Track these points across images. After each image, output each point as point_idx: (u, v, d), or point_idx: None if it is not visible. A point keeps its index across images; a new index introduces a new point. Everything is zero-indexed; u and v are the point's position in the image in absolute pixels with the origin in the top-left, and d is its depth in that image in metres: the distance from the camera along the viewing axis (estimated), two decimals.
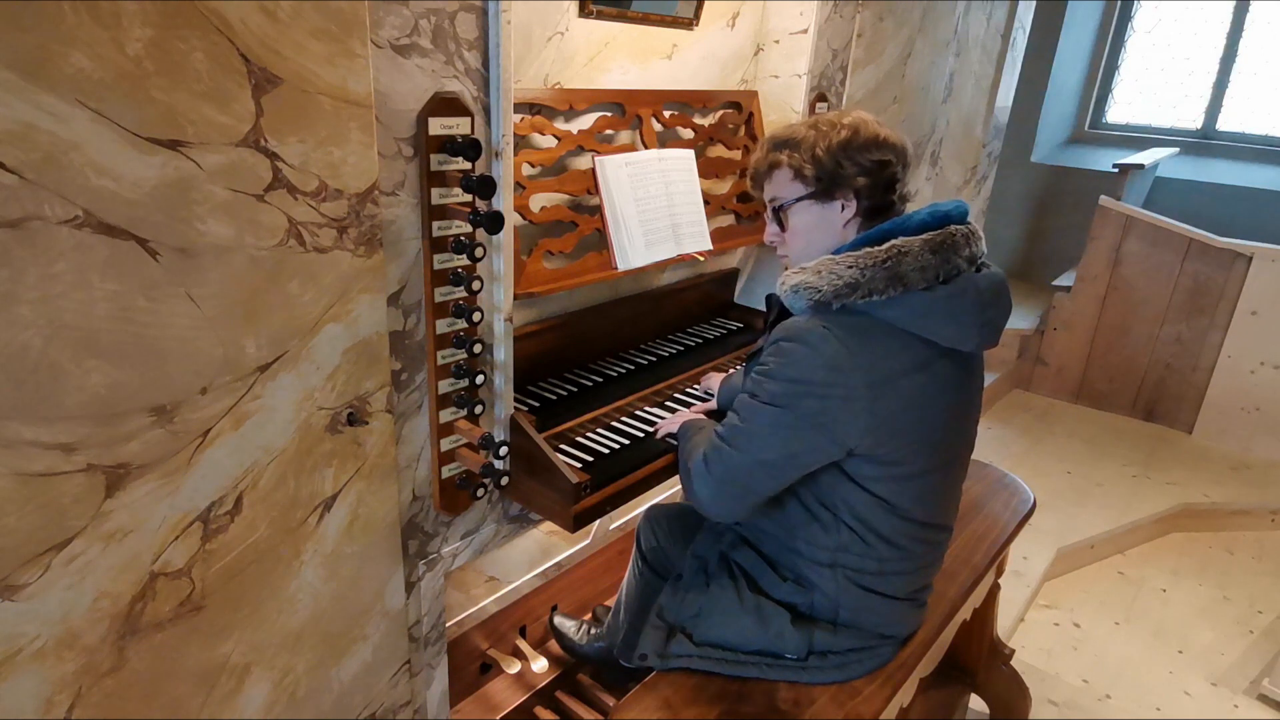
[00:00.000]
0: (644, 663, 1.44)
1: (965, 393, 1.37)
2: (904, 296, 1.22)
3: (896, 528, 1.35)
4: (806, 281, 1.26)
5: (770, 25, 2.02)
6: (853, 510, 1.33)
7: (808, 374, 1.22)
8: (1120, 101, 5.29)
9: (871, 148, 1.32)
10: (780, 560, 1.45)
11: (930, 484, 1.37)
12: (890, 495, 1.32)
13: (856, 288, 1.22)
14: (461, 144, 1.19)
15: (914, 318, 1.24)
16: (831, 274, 1.23)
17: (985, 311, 1.28)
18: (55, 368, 0.88)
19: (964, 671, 2.14)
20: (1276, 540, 3.33)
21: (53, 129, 0.81)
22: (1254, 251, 3.66)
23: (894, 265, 1.21)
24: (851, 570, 1.37)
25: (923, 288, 1.23)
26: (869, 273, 1.21)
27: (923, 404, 1.28)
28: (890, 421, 1.25)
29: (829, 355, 1.21)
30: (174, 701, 1.12)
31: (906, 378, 1.25)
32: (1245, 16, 4.74)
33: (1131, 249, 3.98)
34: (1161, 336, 4.00)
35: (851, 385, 1.21)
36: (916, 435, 1.29)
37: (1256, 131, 4.88)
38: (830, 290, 1.23)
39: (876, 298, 1.22)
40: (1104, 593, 2.97)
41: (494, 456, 1.35)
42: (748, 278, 2.26)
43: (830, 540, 1.36)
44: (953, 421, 1.36)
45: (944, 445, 1.36)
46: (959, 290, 1.25)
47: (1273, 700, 2.42)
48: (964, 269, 1.27)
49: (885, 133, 1.34)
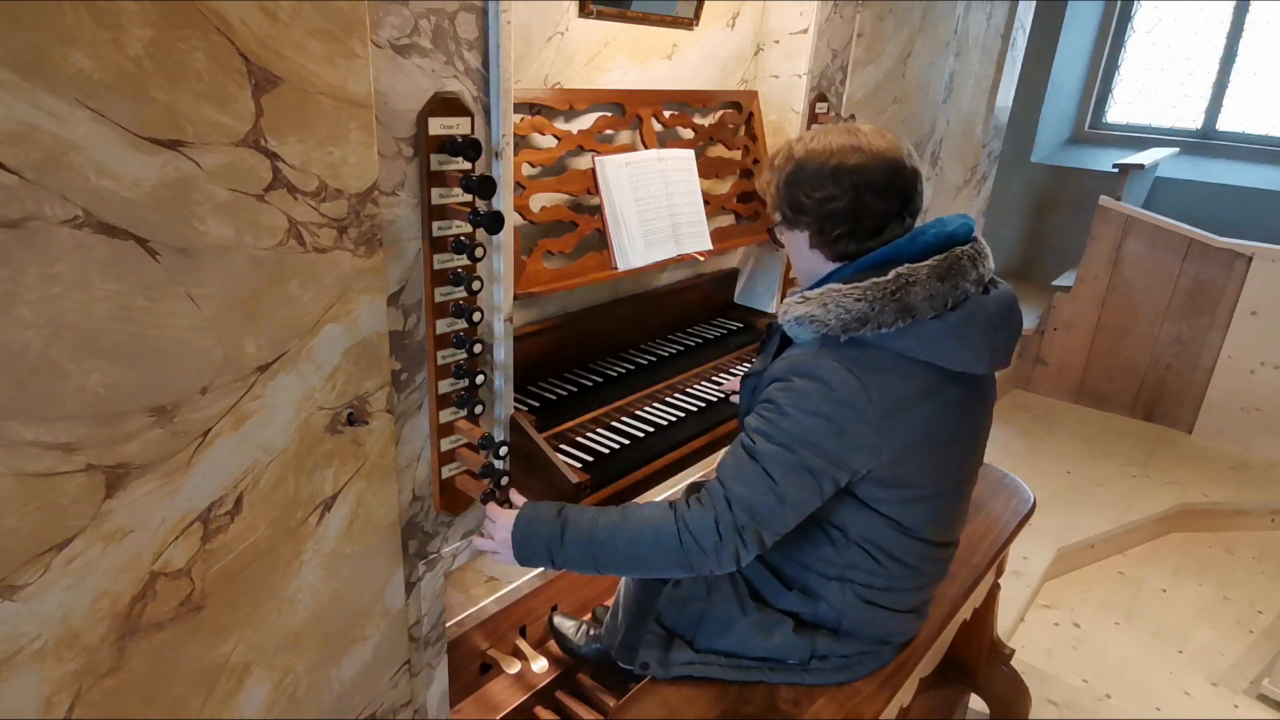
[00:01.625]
0: (646, 671, 1.44)
1: (976, 414, 1.36)
2: (913, 326, 1.20)
3: (906, 547, 1.35)
4: (812, 314, 1.23)
5: (770, 25, 2.02)
6: (862, 530, 1.32)
7: (823, 409, 1.19)
8: (1120, 101, 5.29)
9: (814, 183, 1.26)
10: (786, 570, 1.43)
11: (940, 505, 1.37)
12: (900, 517, 1.31)
13: (866, 321, 1.19)
14: (461, 144, 1.19)
15: (924, 346, 1.22)
16: (839, 307, 1.20)
17: (995, 335, 1.26)
18: (55, 368, 0.87)
19: (964, 671, 2.13)
20: (1276, 540, 3.33)
21: (53, 129, 0.81)
22: (1254, 251, 3.66)
23: (902, 296, 1.19)
24: (860, 585, 1.37)
25: (931, 316, 1.20)
26: (877, 305, 1.19)
27: (934, 431, 1.27)
28: (902, 450, 1.24)
29: (843, 390, 1.19)
30: (174, 701, 1.12)
31: (918, 406, 1.23)
32: (1245, 16, 4.74)
33: (1131, 249, 3.98)
34: (1161, 336, 4.00)
35: (865, 418, 1.19)
36: (928, 461, 1.29)
37: (1256, 131, 4.88)
38: (838, 324, 1.20)
39: (885, 330, 1.19)
40: (1104, 593, 2.97)
41: (494, 456, 1.35)
42: (748, 278, 2.26)
43: (840, 558, 1.35)
44: (963, 444, 1.35)
45: (954, 468, 1.36)
46: (968, 316, 1.23)
47: (1273, 700, 2.42)
48: (972, 293, 1.24)
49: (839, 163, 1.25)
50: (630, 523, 1.25)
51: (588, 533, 1.25)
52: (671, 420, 1.67)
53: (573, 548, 1.25)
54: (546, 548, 1.26)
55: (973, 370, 1.28)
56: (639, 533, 1.24)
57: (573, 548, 1.25)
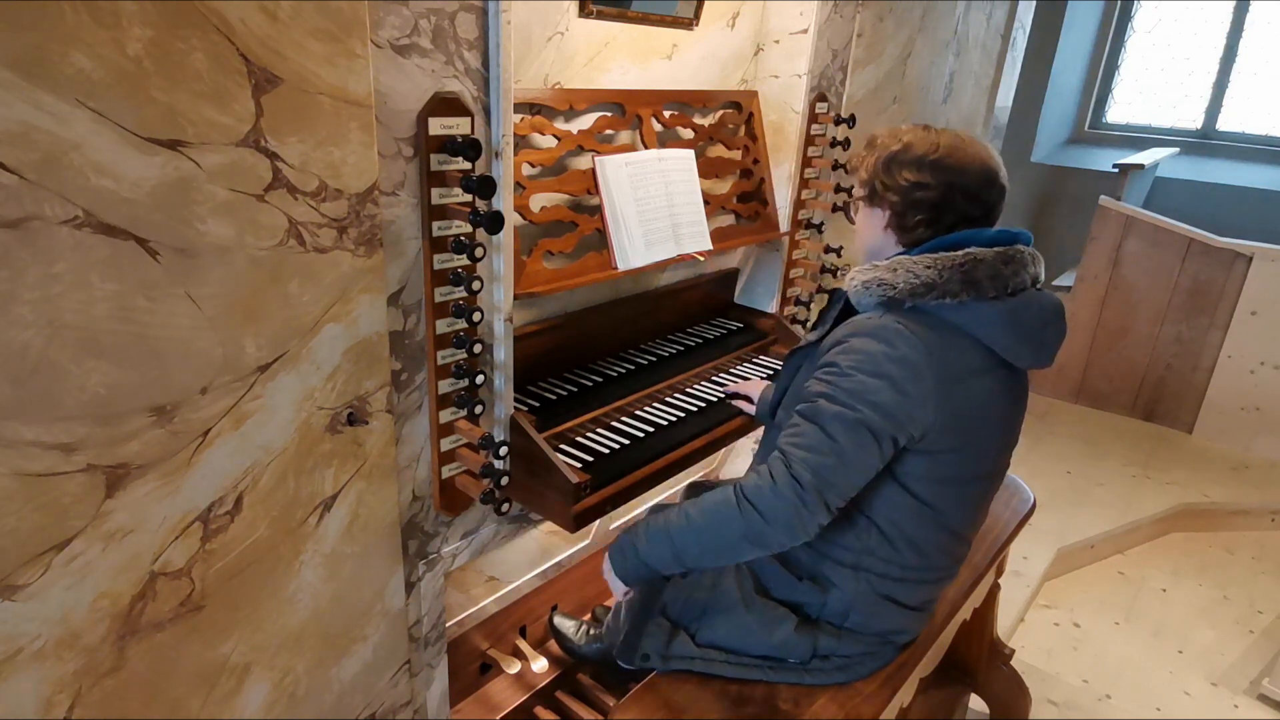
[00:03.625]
0: (646, 664, 1.44)
1: (1016, 407, 1.40)
2: (973, 303, 1.25)
3: (928, 535, 1.36)
4: (881, 278, 1.28)
5: (770, 25, 2.02)
6: (888, 512, 1.33)
7: (884, 368, 1.22)
8: (1120, 101, 5.29)
9: (913, 168, 1.32)
10: (799, 559, 1.43)
11: (972, 493, 1.39)
12: (933, 498, 1.32)
13: (932, 288, 1.24)
14: (461, 144, 1.19)
15: (980, 324, 1.27)
16: (909, 273, 1.25)
17: (1045, 330, 1.32)
18: (55, 368, 0.88)
19: (964, 671, 2.13)
20: (1276, 540, 3.33)
21: (53, 129, 0.81)
22: (1254, 251, 3.66)
23: (969, 270, 1.24)
24: (875, 575, 1.37)
25: (992, 295, 1.25)
26: (945, 274, 1.24)
27: (986, 407, 1.31)
28: (953, 419, 1.26)
29: (905, 350, 1.22)
30: (174, 701, 1.12)
31: (975, 379, 1.28)
32: (1245, 16, 4.74)
33: (1131, 249, 3.98)
34: (1161, 336, 4.00)
35: (925, 380, 1.22)
36: (975, 437, 1.31)
37: (1256, 131, 4.88)
38: (906, 289, 1.25)
39: (949, 300, 1.25)
40: (1104, 593, 2.97)
41: (494, 456, 1.35)
42: (748, 278, 2.26)
43: (858, 542, 1.36)
44: (1005, 432, 1.39)
45: (993, 454, 1.38)
46: (1024, 304, 1.28)
47: (1273, 700, 2.42)
48: (1028, 285, 1.30)
49: (941, 157, 1.31)
50: (697, 507, 1.29)
51: (662, 525, 1.32)
52: (672, 420, 1.67)
53: (654, 544, 1.33)
54: (635, 550, 1.35)
55: (1017, 361, 1.32)
56: (704, 513, 1.28)
57: (654, 544, 1.33)
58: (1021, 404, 1.41)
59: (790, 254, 2.17)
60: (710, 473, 2.59)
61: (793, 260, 2.19)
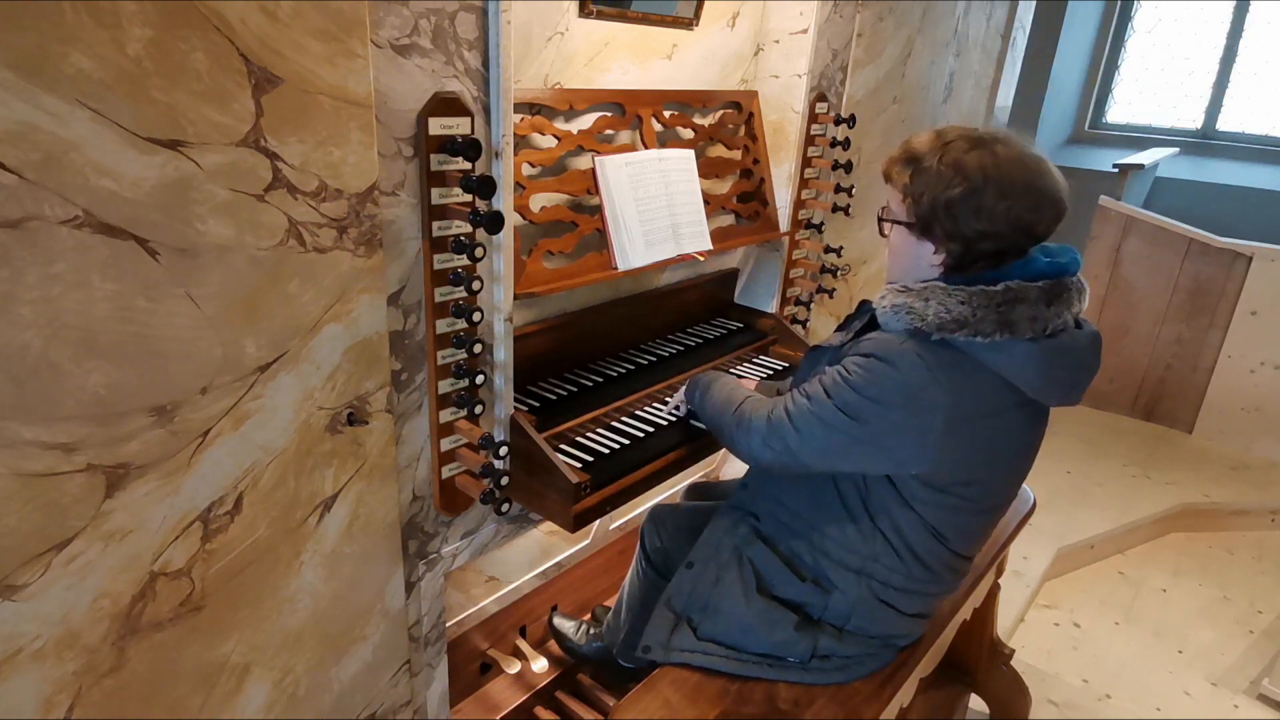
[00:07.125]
0: (647, 655, 1.44)
1: (1032, 442, 1.36)
2: (1007, 343, 1.19)
3: (933, 551, 1.35)
4: (911, 306, 1.21)
5: (770, 25, 2.02)
6: (895, 524, 1.33)
7: (888, 395, 1.20)
8: (1120, 101, 5.29)
9: (983, 216, 1.19)
10: (802, 558, 1.43)
11: (976, 523, 1.38)
12: (936, 521, 1.32)
13: (963, 325, 1.18)
14: (461, 144, 1.19)
15: (1012, 364, 1.20)
16: (941, 305, 1.19)
17: (1078, 373, 1.26)
18: (55, 368, 0.88)
19: (964, 672, 2.13)
20: (1276, 540, 3.33)
21: (53, 129, 0.81)
22: (1254, 251, 3.66)
23: (1006, 311, 1.17)
24: (878, 582, 1.37)
25: (1028, 338, 1.19)
26: (980, 312, 1.17)
27: (992, 449, 1.27)
28: (956, 460, 1.25)
29: (915, 382, 1.19)
30: (174, 701, 1.12)
31: (984, 421, 1.24)
32: (1245, 16, 4.74)
33: (1131, 249, 3.98)
34: (1161, 336, 4.00)
35: (928, 417, 1.19)
36: (978, 476, 1.29)
37: (1256, 131, 4.88)
38: (935, 321, 1.19)
39: (980, 339, 1.18)
40: (1104, 593, 2.97)
41: (494, 456, 1.35)
42: (748, 278, 2.26)
43: (864, 547, 1.36)
44: (1015, 469, 1.36)
45: (1001, 489, 1.37)
46: (1062, 347, 1.22)
47: (1273, 700, 2.42)
48: (1069, 325, 1.24)
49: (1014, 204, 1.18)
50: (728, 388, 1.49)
51: (707, 382, 1.55)
52: (672, 420, 1.67)
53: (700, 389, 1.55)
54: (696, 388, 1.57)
55: (1045, 400, 1.28)
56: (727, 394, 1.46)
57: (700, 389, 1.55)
58: (1039, 438, 1.37)
59: (790, 254, 2.17)
60: (710, 473, 2.59)
61: (793, 260, 2.19)
